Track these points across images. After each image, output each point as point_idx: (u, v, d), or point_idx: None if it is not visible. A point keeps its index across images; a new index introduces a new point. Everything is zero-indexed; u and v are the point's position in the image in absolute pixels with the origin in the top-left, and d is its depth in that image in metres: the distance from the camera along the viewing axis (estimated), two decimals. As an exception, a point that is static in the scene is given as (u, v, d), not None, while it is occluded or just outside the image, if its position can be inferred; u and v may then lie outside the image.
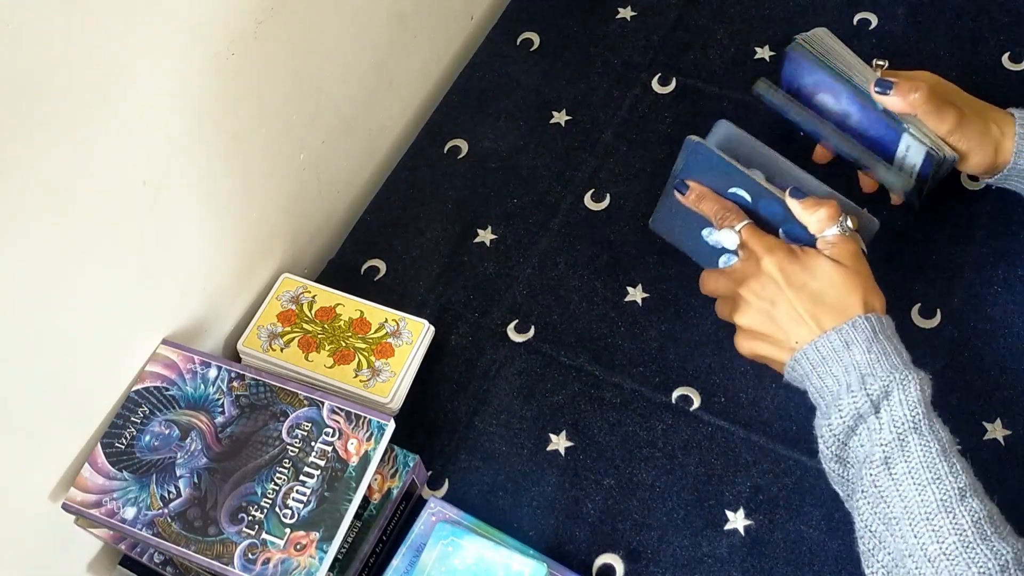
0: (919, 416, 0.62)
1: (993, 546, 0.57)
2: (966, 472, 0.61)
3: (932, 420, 0.63)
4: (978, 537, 0.57)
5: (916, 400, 0.63)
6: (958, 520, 0.58)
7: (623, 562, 0.74)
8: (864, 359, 0.65)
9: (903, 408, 0.62)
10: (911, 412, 0.62)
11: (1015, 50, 0.94)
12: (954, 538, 0.58)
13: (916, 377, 0.64)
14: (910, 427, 0.62)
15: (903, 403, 0.63)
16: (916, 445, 0.61)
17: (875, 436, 0.63)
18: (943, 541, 0.58)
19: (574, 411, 0.81)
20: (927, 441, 0.61)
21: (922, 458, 0.61)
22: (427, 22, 1.02)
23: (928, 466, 0.60)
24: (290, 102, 0.85)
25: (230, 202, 0.81)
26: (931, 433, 0.62)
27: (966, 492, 0.59)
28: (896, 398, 0.63)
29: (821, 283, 0.69)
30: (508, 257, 0.91)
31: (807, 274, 0.69)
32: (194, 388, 0.77)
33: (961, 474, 0.60)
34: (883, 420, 0.63)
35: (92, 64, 0.63)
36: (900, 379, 0.63)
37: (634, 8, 1.06)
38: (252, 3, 0.75)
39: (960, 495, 0.59)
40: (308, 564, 0.69)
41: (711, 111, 0.97)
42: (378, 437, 0.73)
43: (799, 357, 0.68)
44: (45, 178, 0.63)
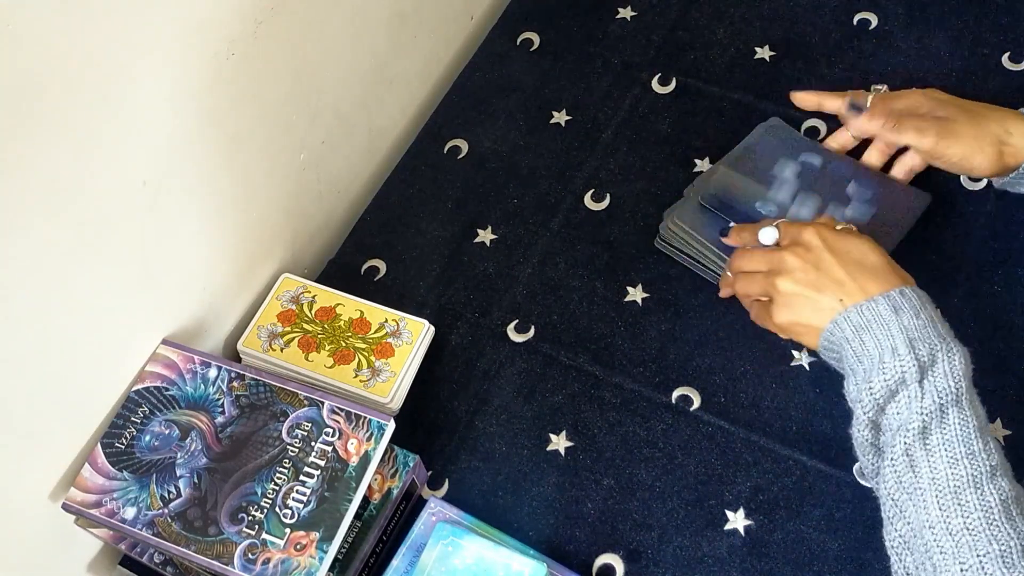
0: (962, 389, 0.62)
1: (1017, 526, 0.57)
2: (999, 452, 0.61)
3: (972, 395, 0.63)
4: (1004, 516, 0.57)
5: (961, 372, 0.62)
6: (986, 497, 0.58)
7: (623, 562, 0.74)
8: (912, 324, 0.64)
9: (948, 379, 0.62)
10: (955, 383, 0.62)
11: (1015, 50, 0.94)
12: (979, 514, 0.58)
13: (960, 349, 0.63)
14: (952, 399, 0.62)
15: (948, 374, 0.62)
16: (955, 417, 0.61)
17: (915, 404, 0.62)
18: (968, 516, 0.58)
19: (574, 411, 0.81)
20: (966, 415, 0.61)
21: (960, 431, 0.61)
22: (427, 22, 1.02)
23: (964, 440, 0.60)
24: (290, 102, 0.85)
25: (230, 202, 0.81)
26: (971, 408, 0.62)
27: (997, 471, 0.59)
28: (941, 368, 0.62)
29: (863, 254, 0.69)
30: (508, 257, 0.91)
31: (850, 244, 0.70)
32: (194, 388, 0.77)
33: (994, 453, 0.60)
34: (926, 388, 0.62)
35: (92, 64, 0.63)
36: (947, 349, 0.63)
37: (634, 8, 1.06)
38: (252, 3, 0.75)
39: (991, 473, 0.59)
40: (308, 564, 0.69)
41: (711, 111, 0.97)
42: (378, 437, 0.73)
43: (841, 319, 0.67)
44: (45, 178, 0.63)
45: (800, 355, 0.81)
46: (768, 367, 0.81)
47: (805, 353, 0.81)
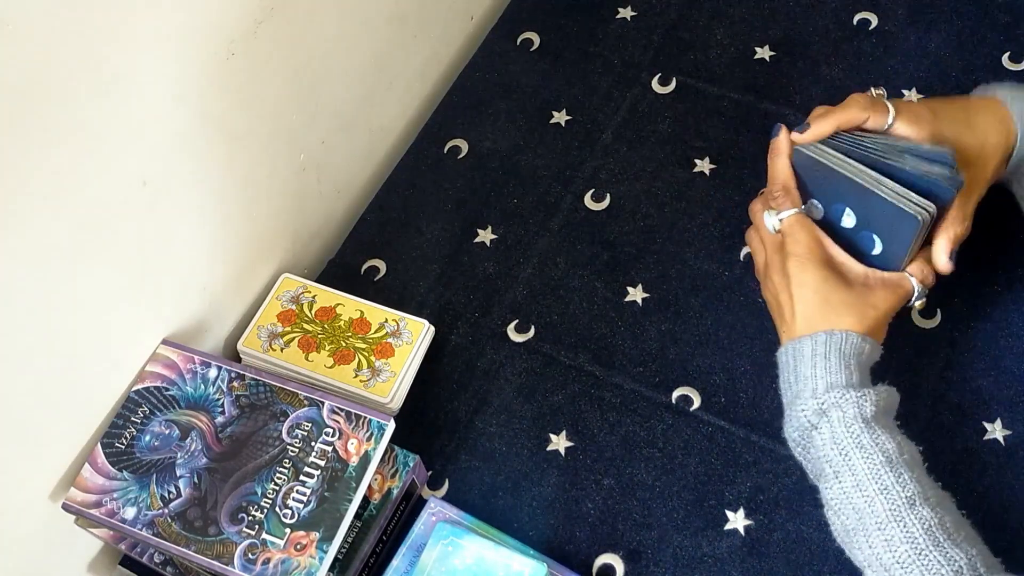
0: (857, 431, 0.63)
1: (946, 552, 0.58)
2: (916, 481, 0.61)
3: (876, 433, 0.63)
4: (930, 544, 0.58)
5: (852, 417, 0.63)
6: (908, 528, 0.59)
7: (623, 562, 0.74)
8: (808, 373, 0.66)
9: (840, 426, 0.64)
10: (848, 429, 0.63)
11: (1015, 50, 0.94)
12: (906, 546, 0.58)
13: (855, 396, 0.64)
14: (851, 443, 0.63)
15: (840, 421, 0.64)
16: (858, 458, 0.62)
17: (819, 452, 0.64)
18: (895, 550, 0.59)
19: (574, 411, 0.81)
20: (869, 454, 0.62)
21: (867, 470, 0.62)
22: (427, 22, 1.02)
23: (873, 478, 0.61)
24: (290, 102, 0.84)
25: (230, 202, 0.81)
26: (874, 446, 0.62)
27: (915, 500, 0.60)
28: (833, 416, 0.64)
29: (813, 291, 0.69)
30: (508, 257, 0.91)
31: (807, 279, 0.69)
32: (194, 388, 0.77)
33: (909, 483, 0.61)
34: (824, 437, 0.64)
35: (92, 64, 0.63)
36: (836, 398, 0.64)
37: (634, 8, 1.06)
38: (252, 3, 0.75)
39: (909, 503, 0.60)
40: (308, 564, 0.69)
41: (711, 111, 0.97)
42: (378, 437, 0.73)
43: (778, 355, 0.70)
44: (45, 178, 0.63)
45: (800, 355, 0.81)
46: (768, 367, 0.81)
47: (805, 353, 0.81)
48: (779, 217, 0.72)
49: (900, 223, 0.70)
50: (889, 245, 0.72)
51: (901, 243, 0.71)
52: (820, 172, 0.73)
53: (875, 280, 0.70)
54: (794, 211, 0.72)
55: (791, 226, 0.72)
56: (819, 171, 0.73)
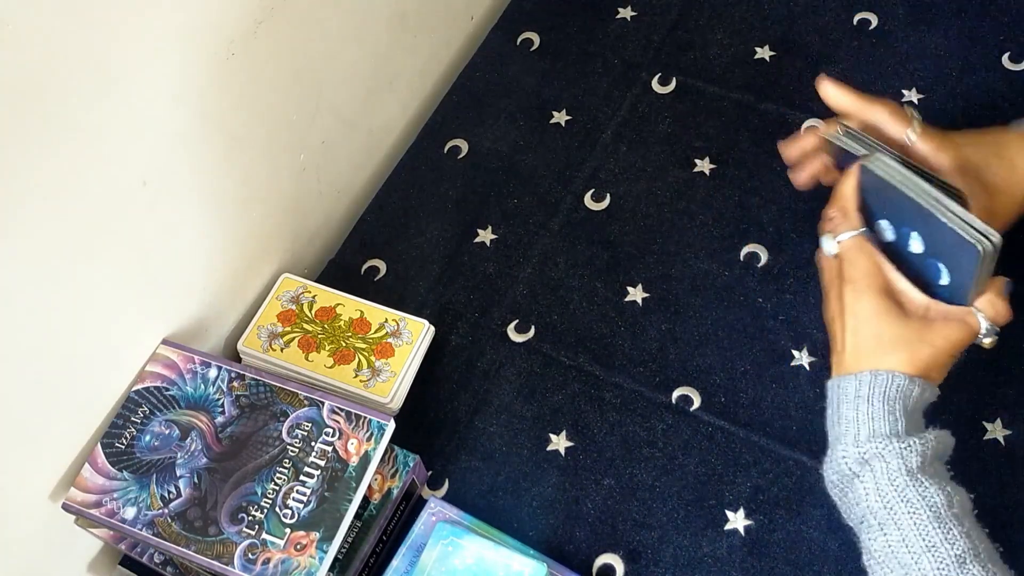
0: (902, 485, 0.60)
1: None
2: (965, 536, 0.58)
3: (924, 486, 0.60)
4: None
5: (896, 469, 0.60)
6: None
7: (623, 562, 0.74)
8: (851, 416, 0.63)
9: (884, 477, 0.60)
10: (891, 482, 0.60)
11: (1015, 50, 0.94)
12: None
13: (898, 447, 0.61)
14: (896, 497, 0.60)
15: (883, 472, 0.60)
16: (904, 513, 0.59)
17: (863, 504, 0.61)
18: None
19: (574, 411, 0.81)
20: (915, 509, 0.59)
21: (912, 526, 0.58)
22: (427, 22, 1.02)
23: (920, 535, 0.58)
24: (290, 102, 0.85)
25: (230, 202, 0.81)
26: (920, 500, 0.59)
27: (965, 559, 0.57)
28: (876, 467, 0.61)
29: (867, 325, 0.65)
30: (508, 257, 0.91)
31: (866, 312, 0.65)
32: (194, 388, 0.77)
33: (959, 540, 0.57)
34: (868, 486, 0.61)
35: (92, 64, 0.63)
36: (879, 449, 0.61)
37: (634, 8, 1.06)
38: (252, 3, 0.75)
39: (959, 562, 0.57)
40: (308, 564, 0.69)
41: (711, 111, 0.97)
42: (378, 437, 0.73)
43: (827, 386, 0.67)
44: (45, 178, 0.63)
45: (800, 355, 0.81)
46: (768, 367, 0.81)
47: (805, 353, 0.81)
48: (837, 240, 0.68)
49: (961, 252, 0.64)
50: (955, 275, 0.66)
51: (965, 273, 0.65)
52: (885, 191, 0.67)
53: (937, 313, 0.65)
54: (852, 233, 0.67)
55: (849, 250, 0.67)
56: (884, 190, 0.67)
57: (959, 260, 0.65)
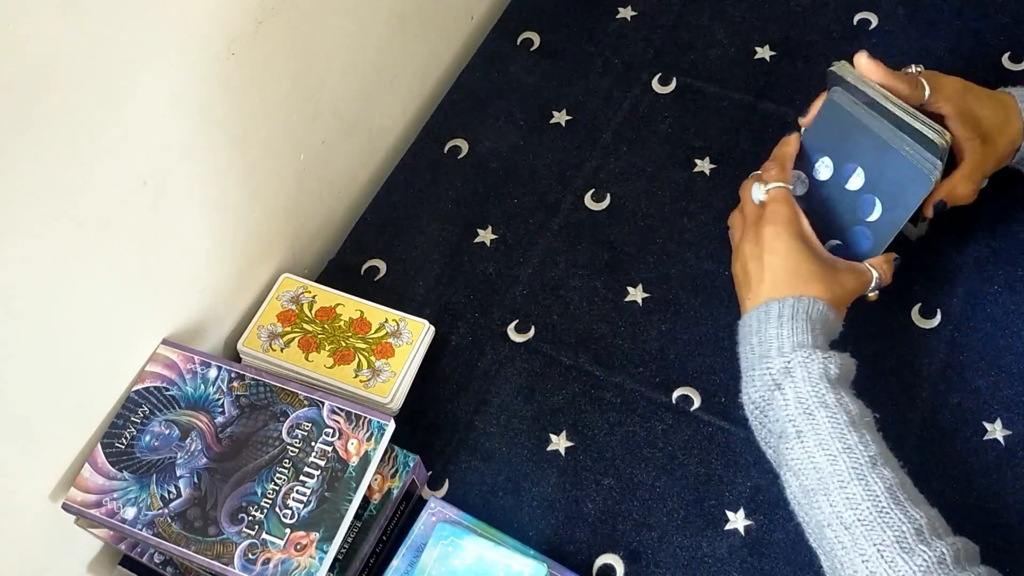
0: (823, 391, 0.64)
1: (907, 511, 0.58)
2: (877, 443, 0.62)
3: (840, 395, 0.64)
4: (892, 502, 0.59)
5: (819, 376, 0.64)
6: (871, 487, 0.60)
7: (623, 562, 0.74)
8: (775, 334, 0.67)
9: (806, 384, 0.64)
10: (814, 388, 0.64)
11: (1015, 50, 0.94)
12: (868, 504, 0.59)
13: (821, 356, 0.65)
14: (815, 401, 0.64)
15: (806, 380, 0.64)
16: (823, 417, 0.63)
17: (782, 412, 0.65)
18: (857, 507, 0.59)
19: (574, 411, 0.81)
20: (833, 413, 0.63)
21: (831, 429, 0.62)
22: (427, 22, 1.02)
23: (837, 436, 0.62)
24: (290, 102, 0.85)
25: (230, 202, 0.81)
26: (838, 406, 0.63)
27: (877, 461, 0.61)
28: (799, 375, 0.65)
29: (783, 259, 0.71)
30: (508, 257, 0.91)
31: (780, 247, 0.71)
32: (194, 388, 0.77)
33: (871, 444, 0.62)
34: (788, 396, 0.65)
35: (93, 64, 0.63)
36: (803, 358, 0.65)
37: (634, 8, 1.06)
38: (252, 3, 0.75)
39: (871, 463, 0.61)
40: (308, 564, 0.69)
41: (711, 111, 0.97)
42: (378, 437, 0.73)
43: (740, 323, 0.71)
44: (46, 178, 0.63)
45: (800, 355, 0.81)
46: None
47: (805, 353, 0.81)
48: (766, 188, 0.75)
49: (909, 182, 0.73)
50: (889, 210, 0.75)
51: (903, 207, 0.74)
52: (842, 124, 0.76)
53: (841, 263, 0.73)
54: (780, 184, 0.75)
55: (774, 199, 0.74)
56: (842, 123, 0.76)
57: (903, 192, 0.73)
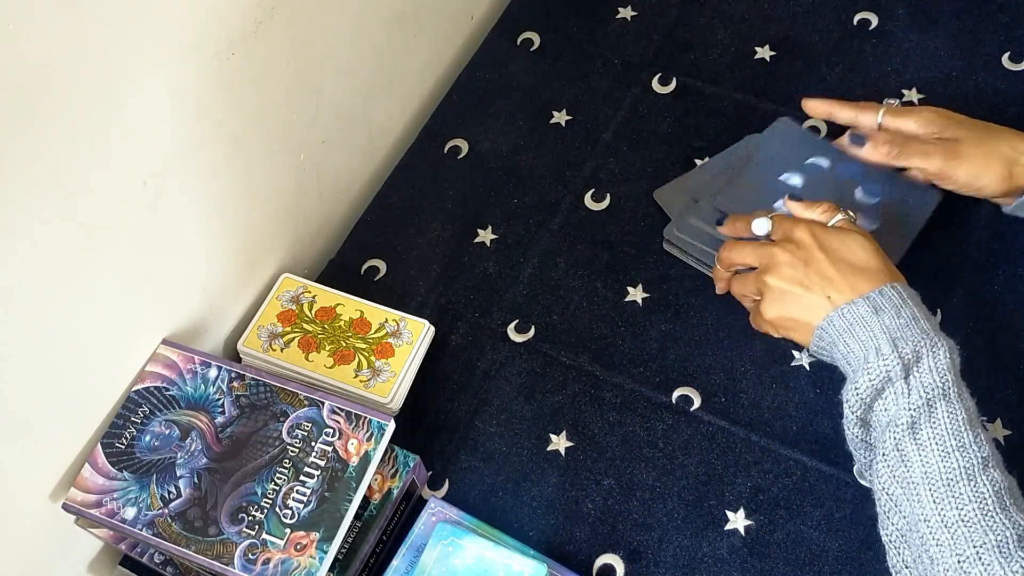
0: (948, 382, 0.62)
1: (1012, 517, 0.57)
2: (989, 443, 0.61)
3: (961, 388, 0.62)
4: (998, 507, 0.58)
5: (946, 366, 0.63)
6: (979, 488, 0.58)
7: (623, 562, 0.74)
8: (894, 323, 0.65)
9: (933, 374, 0.62)
10: (940, 378, 0.62)
11: (1015, 50, 0.94)
12: (974, 505, 0.58)
13: (945, 344, 0.64)
14: (939, 393, 0.62)
15: (933, 369, 0.62)
16: (944, 411, 0.61)
17: (902, 400, 0.62)
18: (963, 508, 0.58)
19: (574, 411, 0.81)
20: (955, 408, 0.61)
21: (949, 424, 0.61)
22: (427, 22, 1.02)
23: (954, 433, 0.60)
24: (290, 102, 0.85)
25: (230, 202, 0.81)
26: (959, 401, 0.62)
27: (989, 462, 0.60)
28: (926, 363, 0.63)
29: (852, 249, 0.69)
30: (508, 257, 0.91)
31: (840, 241, 0.70)
32: (194, 388, 0.77)
33: (985, 444, 0.60)
34: (912, 384, 0.62)
35: (92, 64, 0.63)
36: (930, 344, 0.63)
37: (634, 8, 1.06)
38: (252, 3, 0.75)
39: (983, 464, 0.59)
40: (308, 564, 0.69)
41: (711, 111, 0.97)
42: (378, 437, 0.73)
43: (825, 324, 0.68)
44: (46, 178, 0.62)
45: (800, 355, 0.81)
46: (768, 367, 0.81)
47: (805, 353, 0.81)
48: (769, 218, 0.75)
49: None
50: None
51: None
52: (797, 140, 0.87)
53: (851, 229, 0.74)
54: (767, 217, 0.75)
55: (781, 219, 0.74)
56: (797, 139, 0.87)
57: None
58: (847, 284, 0.68)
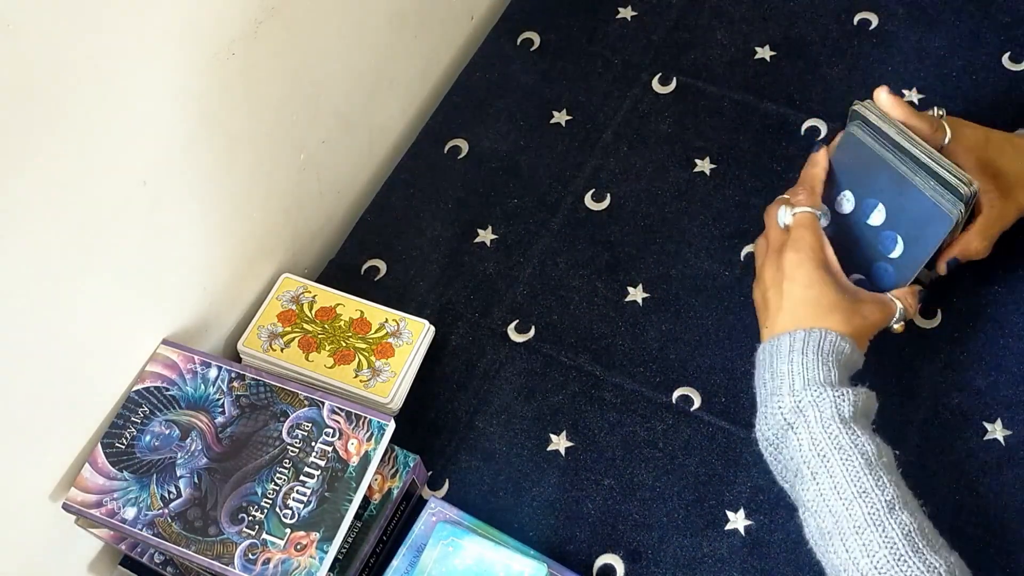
0: (836, 432, 0.62)
1: (925, 559, 0.56)
2: (895, 484, 0.60)
3: (856, 434, 0.62)
4: (910, 550, 0.57)
5: (830, 416, 0.62)
6: (888, 533, 0.58)
7: (623, 562, 0.74)
8: (786, 370, 0.65)
9: (818, 425, 0.62)
10: (825, 429, 0.62)
11: (1015, 50, 0.94)
12: (885, 551, 0.57)
13: (832, 395, 0.63)
14: (829, 444, 0.61)
15: (817, 420, 0.62)
16: (836, 460, 0.61)
17: (796, 452, 0.63)
18: (874, 555, 0.57)
19: (574, 411, 0.81)
20: (848, 456, 0.61)
21: (844, 473, 0.60)
22: (427, 22, 1.02)
23: (852, 480, 0.60)
24: (290, 102, 0.84)
25: (230, 202, 0.81)
26: (853, 447, 0.61)
27: (895, 505, 0.59)
28: (811, 415, 0.63)
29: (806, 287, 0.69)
30: (508, 257, 0.91)
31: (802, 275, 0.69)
32: (194, 388, 0.77)
33: (888, 487, 0.59)
34: (801, 436, 0.63)
35: (92, 64, 0.63)
36: (814, 396, 0.63)
37: (634, 8, 1.06)
38: (252, 3, 0.75)
39: (888, 508, 0.58)
40: (308, 564, 0.69)
41: (711, 111, 0.97)
42: (378, 437, 0.73)
43: (759, 350, 0.70)
44: (46, 178, 0.63)
45: (800, 355, 0.81)
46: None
47: (805, 353, 0.81)
48: (793, 212, 0.72)
49: (930, 220, 0.70)
50: (911, 247, 0.72)
51: (924, 245, 0.71)
52: (862, 159, 0.73)
53: (864, 295, 0.71)
54: (808, 210, 0.72)
55: (799, 225, 0.72)
56: (862, 158, 0.73)
57: (923, 230, 0.71)
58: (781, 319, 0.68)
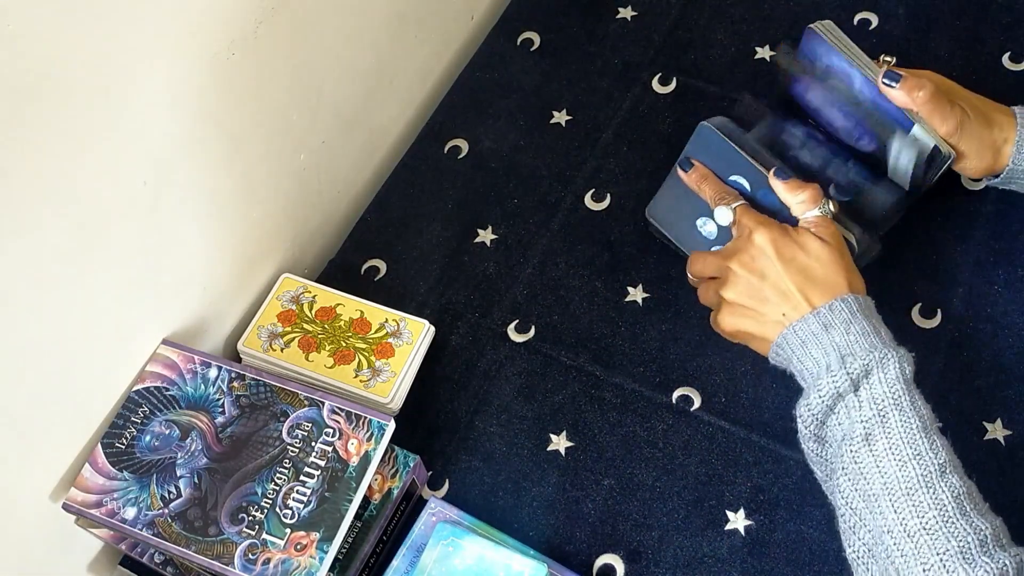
0: (899, 393, 0.63)
1: (972, 521, 0.58)
2: (946, 449, 0.61)
3: (913, 397, 0.63)
4: (958, 512, 0.58)
5: (895, 377, 0.63)
6: (938, 495, 0.59)
7: (623, 562, 0.74)
8: (843, 340, 0.65)
9: (883, 386, 0.63)
10: (890, 389, 0.63)
11: (1015, 50, 0.94)
12: (934, 512, 0.58)
13: (896, 355, 0.64)
14: (890, 404, 0.62)
15: (882, 381, 0.63)
16: (896, 421, 0.62)
17: (854, 414, 0.63)
18: (923, 516, 0.58)
19: (574, 411, 0.81)
20: (907, 417, 0.62)
21: (902, 434, 0.61)
22: (427, 22, 1.02)
23: (909, 442, 0.61)
24: (290, 102, 0.85)
25: (230, 202, 0.81)
26: (912, 409, 0.62)
27: (946, 468, 0.60)
28: (876, 376, 0.63)
29: (810, 259, 0.69)
30: (508, 257, 0.91)
31: (797, 249, 0.70)
32: (194, 388, 0.77)
33: (941, 451, 0.61)
34: (862, 398, 0.63)
35: (92, 64, 0.63)
36: (879, 357, 0.64)
37: (634, 8, 1.06)
38: (252, 3, 0.75)
39: (940, 471, 0.60)
40: (308, 564, 0.69)
41: (711, 111, 0.96)
42: (378, 437, 0.73)
43: (780, 341, 0.69)
44: (46, 179, 0.63)
45: (800, 355, 0.81)
46: (768, 367, 0.81)
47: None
48: (732, 207, 0.74)
49: None
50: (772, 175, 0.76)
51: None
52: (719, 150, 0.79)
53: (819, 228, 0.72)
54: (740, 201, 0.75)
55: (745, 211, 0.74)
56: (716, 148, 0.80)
57: None
58: (802, 298, 0.68)
